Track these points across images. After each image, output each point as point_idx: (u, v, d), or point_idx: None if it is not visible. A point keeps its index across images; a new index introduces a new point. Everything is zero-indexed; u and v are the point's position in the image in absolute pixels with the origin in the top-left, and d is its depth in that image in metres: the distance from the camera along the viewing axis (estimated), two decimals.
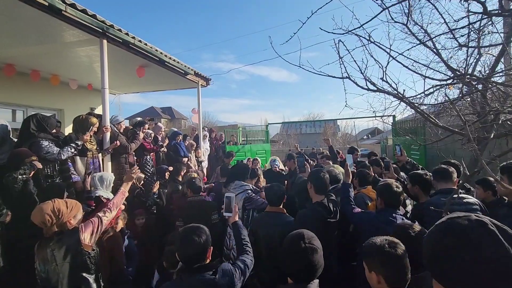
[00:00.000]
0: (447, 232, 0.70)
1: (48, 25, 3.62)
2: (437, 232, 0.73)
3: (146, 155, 4.87)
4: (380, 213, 2.23)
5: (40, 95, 6.12)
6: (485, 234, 0.65)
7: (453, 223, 0.71)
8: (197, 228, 1.70)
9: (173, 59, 5.47)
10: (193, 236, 1.62)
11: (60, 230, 1.82)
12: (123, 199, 2.26)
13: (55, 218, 1.79)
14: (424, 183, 2.53)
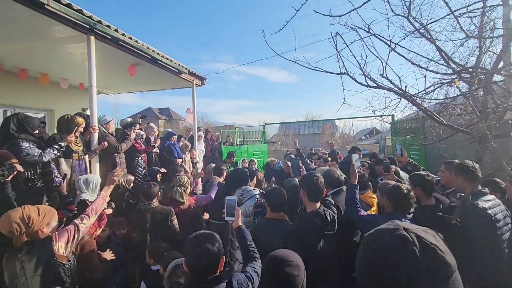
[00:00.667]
0: (368, 248, 0.69)
1: (32, 20, 3.46)
2: (362, 247, 0.72)
3: (138, 157, 4.69)
4: (388, 217, 2.08)
5: (29, 95, 5.93)
6: (404, 254, 0.62)
7: (375, 239, 0.69)
8: (210, 235, 1.54)
9: (166, 57, 5.30)
10: (207, 244, 1.47)
11: (31, 239, 1.65)
12: (104, 204, 2.09)
13: (25, 227, 1.62)
14: (426, 184, 2.38)
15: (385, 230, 0.68)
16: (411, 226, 0.66)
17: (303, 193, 2.26)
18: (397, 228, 0.66)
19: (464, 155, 5.82)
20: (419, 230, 0.65)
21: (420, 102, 2.45)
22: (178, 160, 5.60)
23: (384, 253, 0.64)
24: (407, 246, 0.62)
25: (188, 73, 6.34)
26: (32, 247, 1.64)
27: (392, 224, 0.68)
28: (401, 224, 0.67)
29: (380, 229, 0.69)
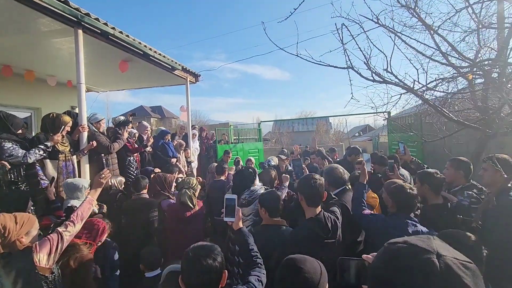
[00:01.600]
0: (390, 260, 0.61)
1: (15, 12, 3.24)
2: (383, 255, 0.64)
3: (130, 156, 4.50)
4: (391, 217, 2.00)
5: (14, 93, 5.66)
6: (425, 283, 0.53)
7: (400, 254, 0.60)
8: (210, 248, 1.37)
9: (159, 53, 5.11)
10: (207, 259, 1.30)
11: (8, 251, 1.48)
12: (90, 209, 1.92)
13: (0, 237, 1.46)
14: (435, 182, 2.29)
15: (414, 247, 0.57)
16: (449, 254, 0.55)
17: (301, 198, 2.10)
18: (429, 250, 0.55)
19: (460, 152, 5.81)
20: (456, 261, 0.53)
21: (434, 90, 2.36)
22: (173, 160, 5.43)
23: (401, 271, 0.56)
24: (430, 274, 0.51)
25: (182, 70, 6.14)
26: (10, 260, 1.47)
27: (426, 243, 0.58)
28: (436, 246, 0.56)
29: (410, 242, 0.59)
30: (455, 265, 0.52)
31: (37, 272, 1.51)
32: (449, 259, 0.53)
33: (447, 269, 0.51)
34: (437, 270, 0.51)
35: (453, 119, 2.20)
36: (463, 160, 2.52)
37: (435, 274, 0.51)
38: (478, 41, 4.42)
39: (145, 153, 5.13)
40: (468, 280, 0.50)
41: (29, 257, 1.51)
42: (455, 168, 2.47)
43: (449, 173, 2.55)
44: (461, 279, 0.50)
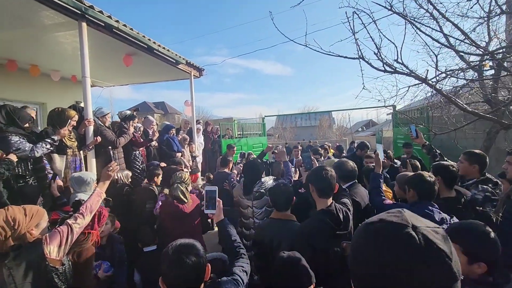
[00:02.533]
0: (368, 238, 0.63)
1: (20, 4, 3.22)
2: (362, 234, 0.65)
3: (135, 151, 4.49)
4: (415, 206, 1.96)
5: (19, 88, 5.67)
6: (406, 255, 0.55)
7: (378, 231, 0.61)
8: (190, 245, 1.31)
9: (163, 47, 5.06)
10: (189, 256, 1.25)
11: (18, 243, 1.47)
12: (99, 202, 1.90)
13: (10, 230, 1.44)
14: (449, 176, 2.23)
15: (391, 224, 0.60)
16: (421, 223, 0.58)
17: (312, 189, 2.07)
18: (405, 225, 0.57)
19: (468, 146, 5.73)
20: (429, 230, 0.57)
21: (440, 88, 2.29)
22: (178, 154, 5.42)
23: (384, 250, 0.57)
24: (411, 247, 0.54)
25: (186, 64, 6.10)
26: (20, 252, 1.46)
27: (400, 217, 0.60)
28: (409, 219, 0.59)
29: (386, 220, 0.61)
30: (430, 234, 0.55)
31: (48, 264, 1.50)
32: (423, 229, 0.56)
33: (424, 239, 0.54)
34: (416, 242, 0.54)
35: (468, 109, 2.14)
36: (478, 153, 2.44)
37: (416, 246, 0.54)
38: (488, 31, 4.33)
39: (151, 148, 5.12)
40: (442, 245, 0.54)
41: (39, 249, 1.50)
42: (469, 162, 2.39)
43: (463, 166, 2.47)
44: (438, 245, 0.54)
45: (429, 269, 0.53)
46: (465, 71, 3.41)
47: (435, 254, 0.54)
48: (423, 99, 5.28)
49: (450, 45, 2.84)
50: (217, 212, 1.84)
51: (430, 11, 2.82)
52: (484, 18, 3.54)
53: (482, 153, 2.41)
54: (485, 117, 2.11)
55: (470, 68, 2.87)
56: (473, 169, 2.40)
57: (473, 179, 2.39)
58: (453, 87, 4.51)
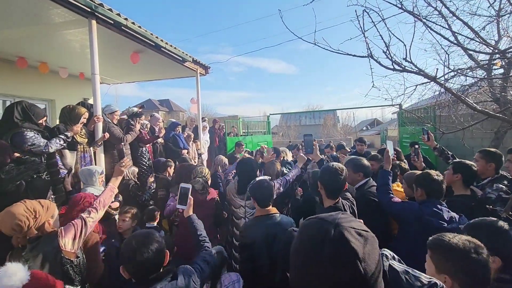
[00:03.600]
0: (299, 231, 0.71)
1: (31, 2, 3.27)
2: (299, 228, 0.73)
3: (142, 147, 4.55)
4: (424, 204, 1.97)
5: (29, 85, 5.76)
6: (316, 246, 0.62)
7: (308, 225, 0.69)
8: (147, 235, 1.42)
9: (170, 45, 5.09)
10: (148, 246, 1.36)
11: (36, 235, 1.52)
12: (112, 197, 1.95)
13: (33, 219, 1.49)
14: (470, 174, 2.24)
15: (320, 221, 0.67)
16: (348, 224, 0.63)
17: (321, 188, 2.05)
18: (329, 222, 0.64)
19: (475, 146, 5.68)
20: (351, 230, 0.62)
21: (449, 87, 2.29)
22: (184, 151, 5.47)
23: (306, 241, 0.65)
24: (324, 240, 0.61)
25: (192, 62, 6.13)
26: (37, 244, 1.51)
27: (332, 217, 0.66)
28: (340, 219, 0.64)
29: (319, 217, 0.68)
30: (347, 232, 0.60)
31: (63, 256, 1.55)
32: (344, 228, 0.61)
33: (339, 235, 0.60)
34: (330, 236, 0.60)
35: (478, 108, 2.13)
36: (494, 152, 2.42)
37: (328, 239, 0.60)
38: (498, 30, 4.28)
39: (157, 145, 5.17)
40: (356, 244, 0.59)
41: (55, 242, 1.55)
42: (486, 160, 2.38)
43: (479, 165, 2.45)
44: (350, 243, 0.59)
45: (335, 263, 0.58)
46: (474, 70, 3.39)
47: (344, 250, 0.59)
48: (430, 98, 5.26)
49: (459, 43, 2.82)
50: (187, 208, 2.01)
51: (439, 9, 2.81)
52: (494, 16, 3.52)
53: (498, 152, 2.40)
54: (495, 116, 2.10)
55: (479, 67, 2.85)
56: (489, 168, 2.39)
57: (488, 178, 2.38)
58: (462, 86, 4.48)
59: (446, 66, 2.01)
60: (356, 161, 2.59)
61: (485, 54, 2.53)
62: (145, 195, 3.63)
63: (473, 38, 2.40)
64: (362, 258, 0.58)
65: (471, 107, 2.10)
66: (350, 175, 2.48)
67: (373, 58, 2.22)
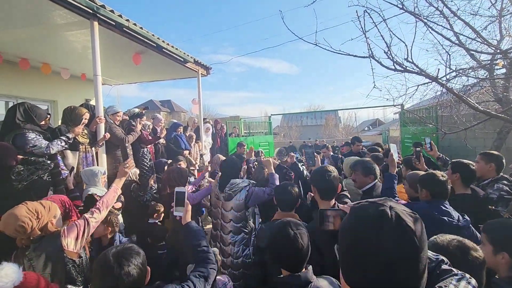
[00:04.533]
0: (351, 215, 0.74)
1: (34, 4, 3.29)
2: (348, 214, 0.76)
3: (143, 148, 4.56)
4: (431, 204, 1.95)
5: (31, 86, 5.80)
6: (376, 227, 0.66)
7: (360, 208, 0.73)
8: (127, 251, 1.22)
9: (171, 46, 5.11)
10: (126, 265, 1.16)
11: (39, 235, 1.53)
12: (115, 198, 1.96)
13: (35, 220, 1.50)
14: (467, 173, 2.24)
15: (372, 203, 0.71)
16: (399, 207, 0.69)
17: (314, 191, 2.03)
18: (383, 204, 0.69)
19: (477, 146, 5.66)
20: (404, 212, 0.68)
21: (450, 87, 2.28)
22: (185, 152, 5.48)
23: (360, 222, 0.69)
24: (382, 220, 0.65)
25: (194, 62, 6.14)
26: (40, 244, 1.53)
27: (383, 200, 0.71)
28: (390, 202, 0.70)
29: (369, 201, 0.73)
30: (402, 214, 0.66)
31: (65, 256, 1.56)
32: (398, 210, 0.67)
33: (396, 216, 0.65)
34: (388, 216, 0.65)
35: (479, 109, 2.13)
36: (495, 154, 2.43)
37: (387, 219, 0.65)
38: (500, 29, 4.26)
39: (159, 145, 5.18)
40: (410, 224, 0.65)
41: (58, 241, 1.56)
42: (485, 161, 2.38)
43: (479, 166, 2.46)
44: (406, 222, 0.65)
45: (395, 240, 0.63)
46: (476, 70, 3.38)
47: (403, 228, 0.64)
48: (432, 98, 5.24)
49: (461, 43, 2.82)
50: (184, 214, 1.78)
51: (440, 9, 2.80)
52: (496, 16, 3.50)
53: (499, 154, 2.41)
54: (497, 116, 2.09)
55: (481, 67, 2.84)
56: (490, 169, 2.39)
57: (488, 179, 2.38)
58: (464, 86, 4.47)
59: (447, 67, 2.00)
60: (366, 164, 2.50)
61: (487, 54, 2.52)
62: (146, 196, 3.63)
63: (475, 38, 2.40)
64: (417, 235, 0.65)
65: (472, 107, 2.09)
66: (359, 178, 2.46)
67: (374, 59, 2.22)
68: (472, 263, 1.22)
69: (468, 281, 0.86)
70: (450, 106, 4.42)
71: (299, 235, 1.41)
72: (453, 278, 0.87)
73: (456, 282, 0.85)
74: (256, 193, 2.69)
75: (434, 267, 0.94)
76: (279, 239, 1.42)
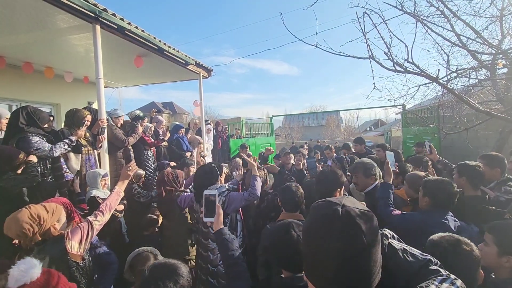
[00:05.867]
0: (310, 212, 0.78)
1: (37, 8, 3.32)
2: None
3: (147, 150, 4.59)
4: (427, 214, 1.85)
5: (34, 89, 5.85)
6: (327, 222, 0.70)
7: (317, 207, 0.76)
8: (171, 268, 1.13)
9: (173, 48, 5.14)
10: (166, 282, 1.08)
11: (43, 239, 1.55)
12: (118, 200, 1.97)
13: (37, 226, 1.52)
14: (474, 176, 2.21)
15: (327, 202, 0.74)
16: (353, 205, 0.71)
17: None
18: (336, 202, 0.72)
19: (480, 146, 5.64)
20: (356, 210, 0.70)
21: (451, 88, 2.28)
22: (187, 154, 5.50)
23: (314, 221, 0.73)
24: (332, 216, 0.69)
25: (195, 65, 6.16)
26: (44, 246, 1.54)
27: (338, 199, 0.74)
28: (345, 201, 0.72)
29: (328, 200, 0.76)
30: (353, 211, 0.68)
31: (69, 259, 1.57)
32: (350, 208, 0.69)
33: (346, 214, 0.68)
34: (338, 214, 0.68)
35: (480, 109, 2.12)
36: (496, 156, 2.40)
37: (337, 217, 0.68)
38: (501, 29, 4.25)
39: (161, 147, 5.21)
40: (360, 221, 0.67)
41: (62, 244, 1.57)
42: (490, 166, 2.35)
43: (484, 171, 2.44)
44: (355, 219, 0.67)
45: (343, 236, 0.66)
46: (477, 70, 3.37)
47: (350, 226, 0.67)
48: (433, 98, 5.23)
49: (462, 43, 2.82)
50: (215, 219, 1.56)
51: (441, 10, 2.81)
52: (496, 16, 3.50)
53: (500, 155, 2.38)
54: (498, 116, 2.09)
55: (482, 67, 2.84)
56: (495, 173, 2.36)
57: (493, 181, 2.36)
58: (465, 86, 4.46)
59: (447, 68, 2.00)
60: (366, 166, 2.46)
61: (488, 54, 2.52)
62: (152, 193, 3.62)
63: (475, 39, 2.40)
64: (365, 232, 0.66)
65: (473, 108, 2.09)
66: (361, 180, 2.43)
67: (375, 60, 2.22)
68: (465, 258, 1.20)
69: (453, 282, 0.85)
70: (451, 106, 4.41)
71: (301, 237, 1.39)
72: (437, 279, 0.87)
73: (439, 283, 0.85)
74: (234, 199, 2.49)
75: (420, 266, 0.94)
76: (281, 241, 1.40)
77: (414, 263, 0.95)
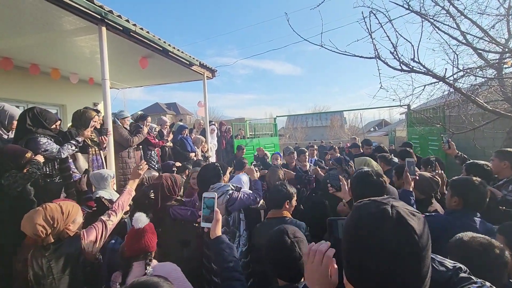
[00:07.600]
0: (353, 212, 0.74)
1: (42, 11, 3.36)
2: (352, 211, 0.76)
3: (151, 150, 4.61)
4: (455, 215, 1.76)
5: (41, 90, 5.92)
6: (378, 224, 0.66)
7: (362, 206, 0.73)
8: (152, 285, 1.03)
9: (177, 49, 5.17)
10: None
11: (58, 239, 1.57)
12: (130, 199, 2.00)
13: (50, 228, 1.53)
14: (484, 174, 2.18)
15: (373, 202, 0.72)
16: (402, 206, 0.68)
17: None
18: (384, 202, 0.69)
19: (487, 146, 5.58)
20: (405, 210, 0.67)
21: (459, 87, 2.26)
22: (191, 154, 5.52)
23: (362, 220, 0.69)
24: (383, 217, 0.66)
25: (199, 65, 6.19)
26: (60, 246, 1.56)
27: (385, 199, 0.72)
28: (392, 201, 0.70)
29: (373, 199, 0.73)
30: (403, 212, 0.66)
31: (84, 258, 1.60)
32: (400, 208, 0.67)
33: (397, 214, 0.65)
34: (389, 214, 0.65)
35: (488, 108, 2.11)
36: (509, 151, 2.37)
37: (388, 218, 0.65)
38: (508, 28, 4.21)
39: (166, 148, 5.24)
40: (412, 222, 0.64)
41: (77, 244, 1.60)
42: (499, 158, 2.33)
43: (493, 164, 2.41)
44: (407, 220, 0.64)
45: (396, 238, 0.63)
46: (484, 69, 3.34)
47: (403, 226, 0.64)
48: (439, 98, 5.19)
49: (468, 42, 2.79)
50: (212, 226, 1.43)
51: (446, 9, 2.79)
52: (503, 15, 3.46)
53: None
54: (506, 115, 2.07)
55: (489, 66, 2.81)
56: (504, 166, 2.34)
57: (503, 179, 2.34)
58: (472, 85, 4.42)
59: (454, 66, 1.99)
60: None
61: (494, 53, 2.49)
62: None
63: (482, 37, 2.38)
64: (419, 233, 0.64)
65: (481, 107, 2.07)
66: None
67: (381, 59, 2.22)
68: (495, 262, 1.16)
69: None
70: (457, 106, 4.37)
71: (296, 243, 1.33)
72: (472, 286, 0.83)
73: None
74: (240, 198, 2.47)
75: (451, 275, 0.90)
76: (275, 248, 1.36)
77: (443, 273, 0.90)
